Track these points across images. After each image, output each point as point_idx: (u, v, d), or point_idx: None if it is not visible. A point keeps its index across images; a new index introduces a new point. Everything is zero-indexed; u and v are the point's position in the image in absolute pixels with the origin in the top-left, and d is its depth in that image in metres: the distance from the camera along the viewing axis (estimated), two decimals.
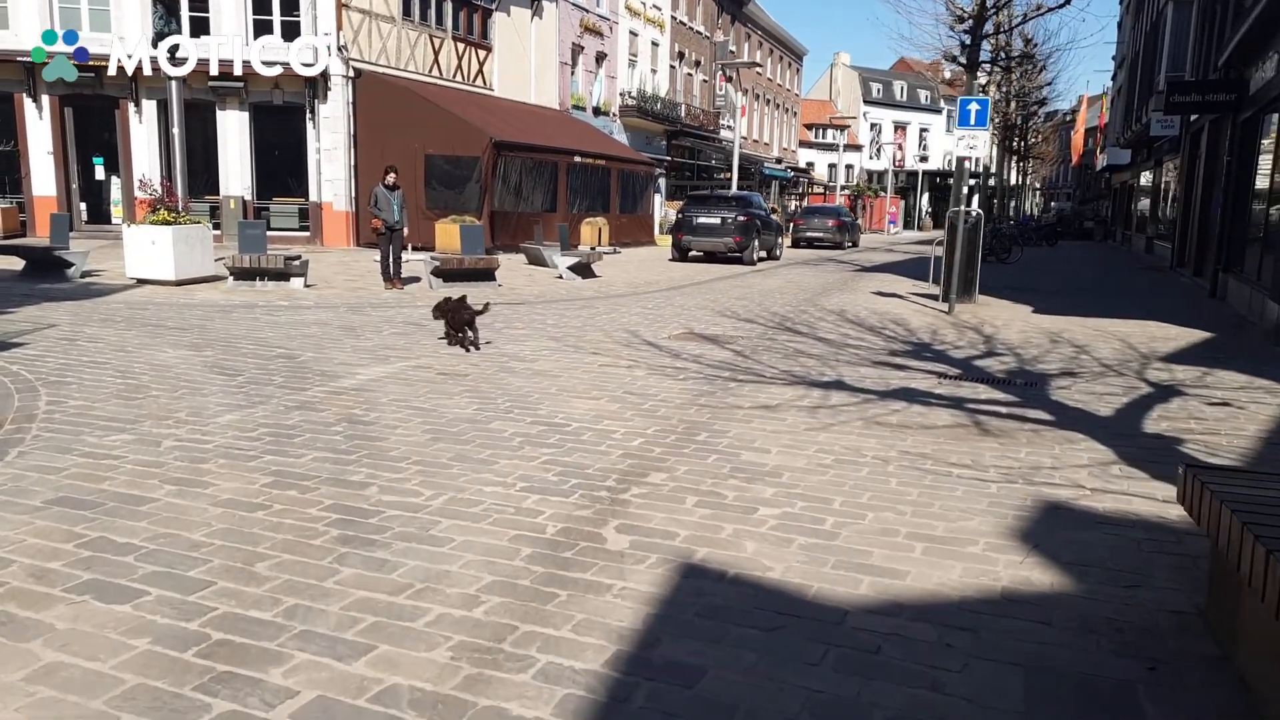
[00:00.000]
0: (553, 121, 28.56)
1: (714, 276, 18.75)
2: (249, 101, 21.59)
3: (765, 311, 12.89)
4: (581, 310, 12.53)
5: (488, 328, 10.48)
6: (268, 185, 22.32)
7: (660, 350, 9.30)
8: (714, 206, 22.31)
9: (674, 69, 41.74)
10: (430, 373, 7.86)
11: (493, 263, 14.87)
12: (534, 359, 8.63)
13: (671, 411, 6.63)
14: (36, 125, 21.00)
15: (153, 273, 13.43)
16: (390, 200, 13.66)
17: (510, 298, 13.67)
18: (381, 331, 10.03)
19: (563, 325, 10.99)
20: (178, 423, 5.98)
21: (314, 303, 12.35)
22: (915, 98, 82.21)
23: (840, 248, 32.27)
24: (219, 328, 9.91)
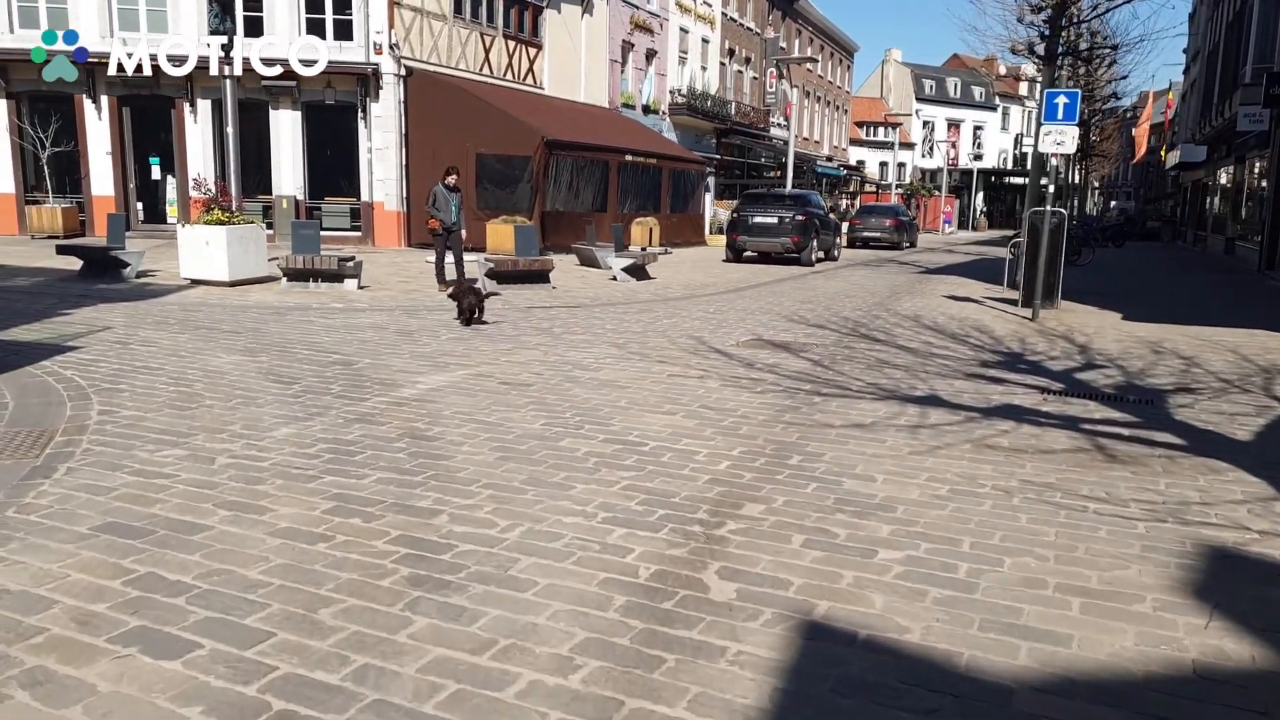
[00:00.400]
0: (603, 120, 28.15)
1: (773, 278, 18.18)
2: (301, 101, 21.45)
3: (835, 316, 12.31)
4: (640, 314, 12.06)
5: (545, 332, 10.05)
6: (320, 185, 22.17)
7: (731, 359, 8.79)
8: (771, 205, 21.72)
9: (724, 66, 41.16)
10: (492, 382, 7.44)
11: (547, 264, 14.47)
12: (598, 367, 8.17)
13: (756, 430, 6.12)
14: (95, 126, 21.06)
15: (206, 273, 13.22)
16: (449, 201, 13.31)
17: (565, 300, 13.24)
18: (439, 336, 9.65)
19: (623, 330, 10.52)
20: (232, 436, 5.61)
21: (368, 305, 12.03)
22: (970, 95, 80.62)
23: (898, 248, 31.46)
24: (273, 331, 9.60)
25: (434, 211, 13.30)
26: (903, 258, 27.49)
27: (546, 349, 9.06)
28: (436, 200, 13.30)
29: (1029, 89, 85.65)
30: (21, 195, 20.94)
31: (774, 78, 46.90)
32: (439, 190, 13.34)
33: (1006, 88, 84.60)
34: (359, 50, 21.29)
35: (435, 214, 13.29)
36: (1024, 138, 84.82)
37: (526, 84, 26.45)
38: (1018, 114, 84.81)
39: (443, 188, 13.35)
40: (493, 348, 9.05)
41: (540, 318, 11.39)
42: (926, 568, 3.84)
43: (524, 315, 11.53)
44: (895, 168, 77.24)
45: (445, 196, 13.32)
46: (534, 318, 11.37)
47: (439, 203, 13.28)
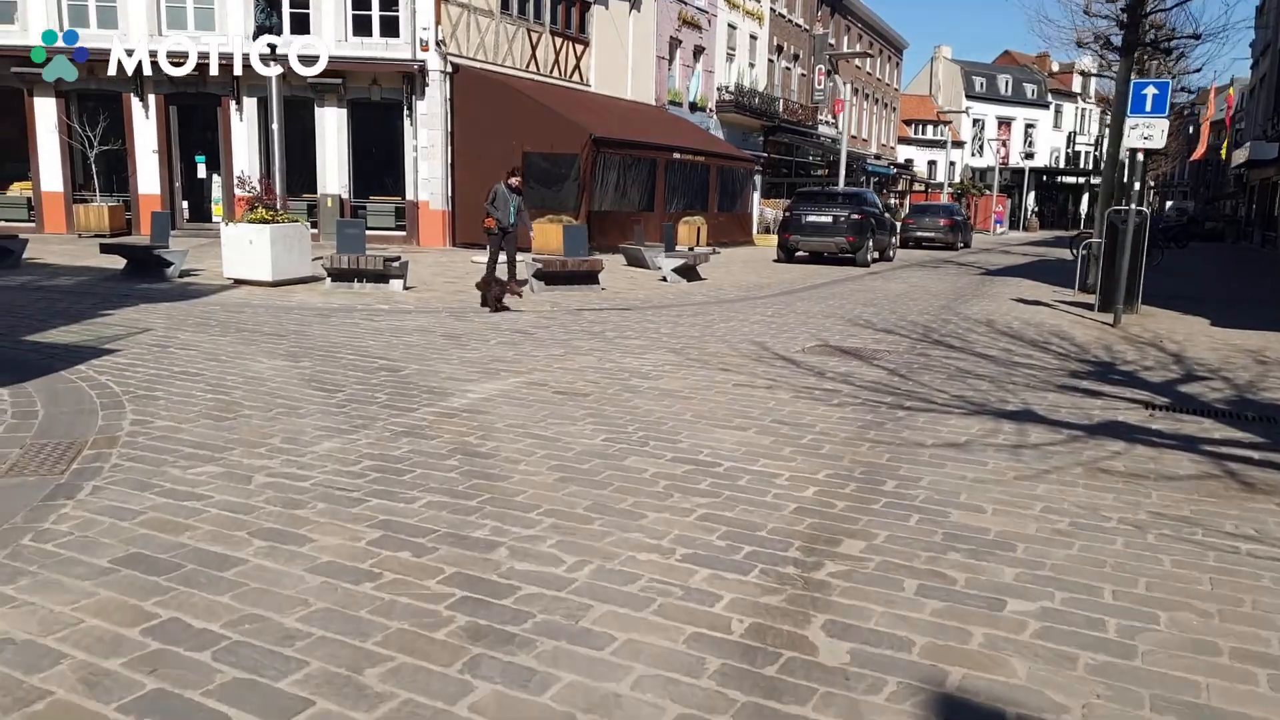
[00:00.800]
0: (650, 117, 27.65)
1: (828, 279, 17.55)
2: (347, 98, 21.22)
3: (902, 321, 11.69)
4: (695, 317, 11.53)
5: (598, 336, 9.57)
6: (365, 183, 21.93)
7: (798, 367, 8.22)
8: (825, 204, 21.07)
9: (772, 63, 40.46)
10: (546, 391, 6.96)
11: (596, 265, 13.99)
12: (657, 375, 7.66)
13: (839, 449, 5.56)
14: (143, 124, 21.01)
15: (250, 273, 12.93)
16: (509, 202, 12.90)
17: (615, 302, 12.76)
18: (488, 341, 9.20)
19: (679, 334, 10.00)
20: (271, 451, 5.18)
21: (414, 307, 11.64)
22: (1021, 92, 78.97)
23: (952, 248, 30.57)
24: (317, 334, 9.21)
25: (491, 210, 12.90)
26: (959, 258, 26.64)
27: (600, 355, 8.57)
28: (496, 198, 12.90)
29: (1083, 85, 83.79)
30: (70, 194, 20.95)
31: (822, 75, 46.08)
32: (500, 189, 12.94)
33: (1059, 84, 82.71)
34: (405, 47, 21.00)
35: (493, 212, 12.89)
36: (1077, 136, 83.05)
37: (573, 81, 26.03)
38: (1071, 111, 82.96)
39: (504, 187, 12.95)
40: (544, 353, 8.58)
41: (591, 320, 10.91)
42: (1068, 623, 3.27)
43: (574, 318, 11.06)
44: (945, 166, 75.87)
45: (506, 196, 12.91)
46: (584, 320, 10.90)
47: (498, 201, 12.88)
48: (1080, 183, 79.87)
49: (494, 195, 12.94)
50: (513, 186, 12.97)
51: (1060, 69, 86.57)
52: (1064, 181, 78.84)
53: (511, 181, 13.00)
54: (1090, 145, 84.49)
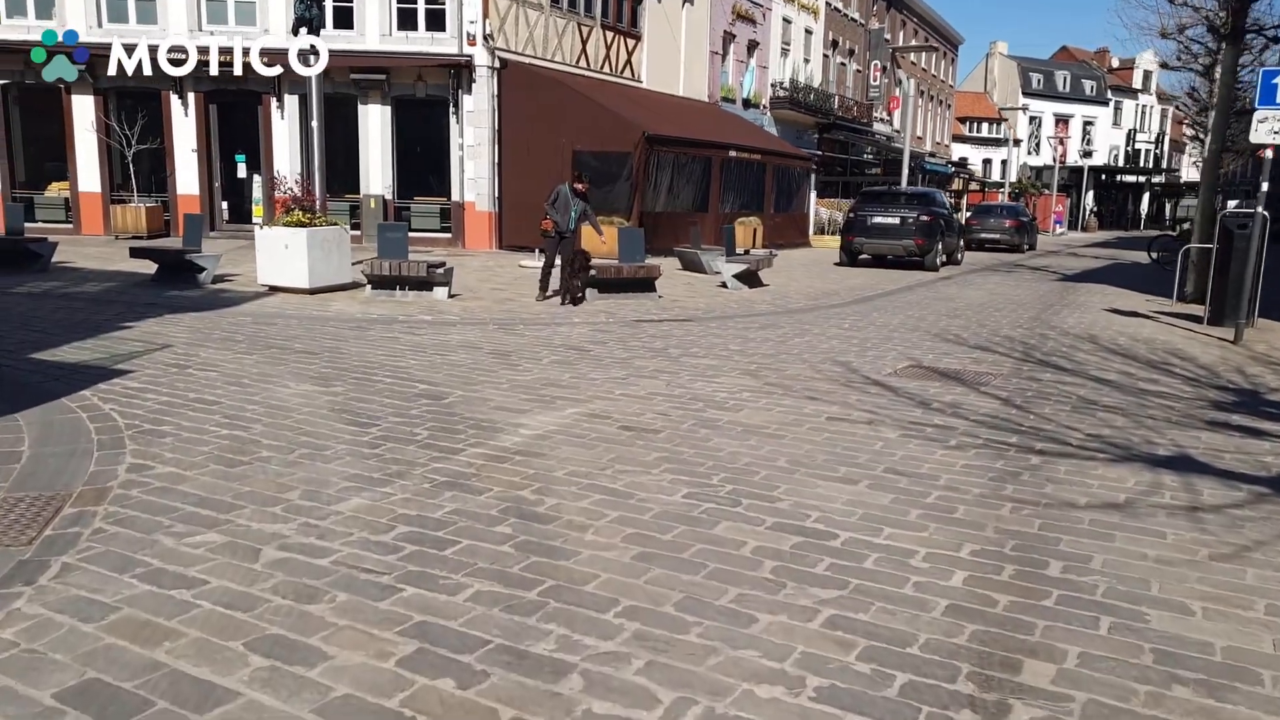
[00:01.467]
0: (703, 114, 26.62)
1: (899, 285, 16.40)
2: (391, 95, 20.47)
3: (995, 335, 10.56)
4: (765, 330, 10.51)
5: (661, 354, 8.58)
6: (409, 183, 21.18)
7: (896, 395, 7.17)
8: (892, 205, 19.89)
9: (827, 58, 39.20)
10: (611, 425, 6.00)
11: (654, 271, 13.01)
12: (735, 405, 6.66)
13: (976, 512, 4.53)
14: (182, 122, 20.45)
15: (285, 279, 12.15)
16: (570, 205, 12.01)
17: (674, 311, 11.77)
18: (540, 359, 8.26)
19: (750, 351, 8.99)
20: (287, 511, 4.28)
21: (459, 317, 10.76)
22: (1079, 88, 76.63)
23: (1018, 250, 29.13)
24: (353, 351, 8.35)
25: (551, 211, 12.01)
26: (1028, 261, 25.25)
27: (668, 377, 7.59)
28: (557, 200, 12.02)
29: (1144, 81, 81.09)
30: (108, 194, 20.45)
31: (878, 71, 44.68)
32: (563, 190, 12.08)
33: (1119, 80, 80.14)
34: (451, 42, 20.20)
35: (552, 214, 12.00)
36: (1137, 133, 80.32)
37: (624, 77, 25.09)
38: (1131, 108, 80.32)
39: (568, 189, 12.08)
40: (604, 375, 7.63)
41: (651, 334, 9.94)
42: None
43: (632, 331, 10.10)
44: (998, 164, 73.77)
45: (568, 199, 12.02)
46: (644, 334, 9.93)
47: (559, 203, 11.99)
48: (1140, 182, 77.41)
49: (555, 196, 12.07)
50: (577, 190, 12.11)
51: (1120, 64, 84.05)
52: (1123, 180, 76.38)
53: (577, 186, 12.18)
54: (1150, 143, 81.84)
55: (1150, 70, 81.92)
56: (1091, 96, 77.23)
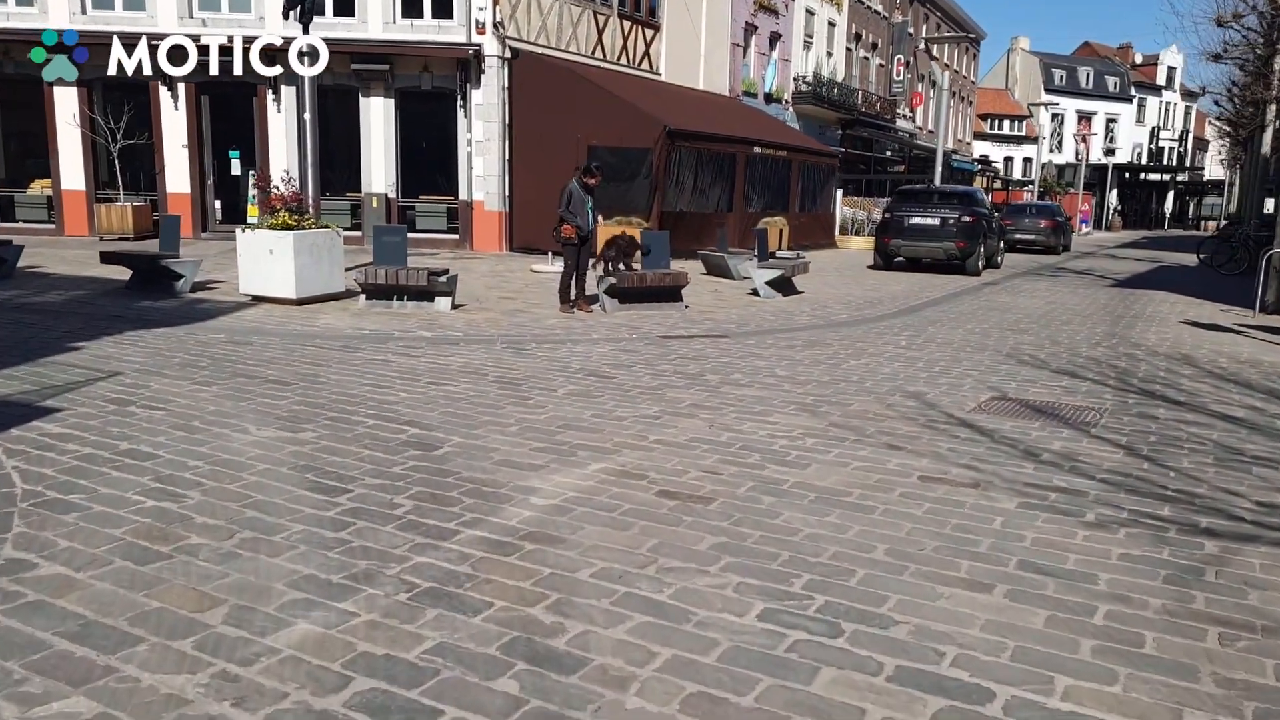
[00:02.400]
0: (725, 109, 25.28)
1: (944, 292, 15.04)
2: (394, 87, 19.18)
3: (1071, 355, 9.22)
4: (812, 350, 9.18)
5: (698, 381, 7.27)
6: (414, 181, 19.90)
7: (992, 440, 5.84)
8: (931, 204, 18.49)
9: (850, 52, 37.80)
10: (647, 489, 4.70)
11: (681, 278, 11.70)
12: (799, 458, 5.35)
13: (1172, 645, 3.21)
14: (171, 115, 19.20)
15: (270, 288, 10.89)
16: (585, 203, 10.75)
17: (705, 324, 10.47)
18: (555, 390, 6.95)
19: (802, 378, 7.67)
20: (201, 648, 2.99)
21: (463, 333, 9.47)
22: (1103, 85, 74.93)
23: (1054, 252, 27.68)
24: (334, 380, 7.06)
25: (568, 215, 10.71)
26: (1069, 264, 23.81)
27: (709, 414, 6.29)
28: (572, 200, 10.72)
29: (1167, 77, 79.23)
30: (92, 192, 19.21)
31: (901, 65, 43.23)
32: (574, 189, 10.77)
33: (1143, 76, 78.33)
34: (459, 30, 18.91)
35: (570, 219, 10.71)
36: (1160, 131, 78.46)
37: (642, 69, 23.76)
38: (1154, 105, 78.52)
39: (578, 186, 10.78)
40: (632, 411, 6.32)
41: (682, 354, 8.63)
42: None
43: (660, 351, 8.79)
44: (1021, 163, 72.09)
45: (581, 197, 10.75)
46: (674, 354, 8.62)
47: (574, 204, 10.70)
48: (1165, 180, 75.55)
49: (568, 197, 10.77)
50: (587, 185, 10.82)
51: (1144, 60, 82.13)
52: (1146, 179, 74.57)
53: (588, 180, 10.87)
54: (1174, 141, 79.99)
55: (1174, 66, 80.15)
56: (1114, 93, 75.48)
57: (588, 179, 10.86)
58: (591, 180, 10.88)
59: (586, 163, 10.96)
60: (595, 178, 10.95)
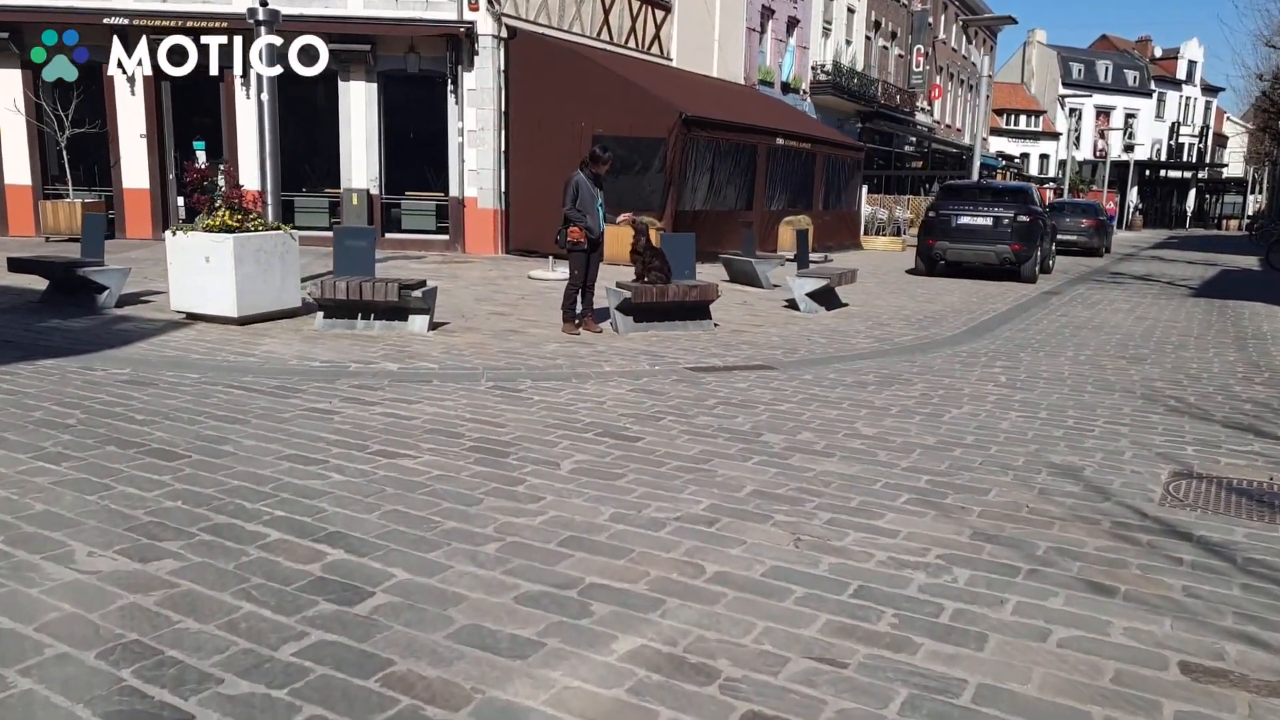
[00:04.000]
0: (742, 98, 23.17)
1: (1006, 303, 12.98)
2: (377, 70, 17.12)
3: (1224, 394, 7.16)
4: (892, 390, 7.11)
5: (754, 443, 5.18)
6: (399, 175, 17.83)
7: (1242, 570, 3.76)
8: (980, 202, 16.41)
9: (869, 41, 35.70)
10: (721, 709, 2.62)
11: (709, 292, 9.62)
12: (956, 616, 3.30)
13: None
14: (128, 102, 17.14)
15: (206, 304, 8.84)
16: (594, 198, 8.73)
17: (742, 350, 8.41)
18: (557, 463, 4.88)
19: (897, 440, 5.60)
20: None
21: (439, 364, 7.41)
22: (1121, 79, 72.70)
23: (1096, 254, 25.59)
24: (244, 450, 4.98)
25: (576, 215, 8.68)
26: (1121, 267, 21.73)
27: (789, 512, 4.22)
28: (579, 195, 8.69)
29: (1187, 71, 76.90)
30: (39, 187, 17.16)
31: (920, 56, 41.13)
32: (581, 181, 8.74)
33: (1162, 71, 76.05)
34: (449, 6, 16.84)
35: (579, 219, 8.68)
36: (1180, 127, 76.15)
37: (652, 53, 21.69)
38: (1174, 100, 76.27)
39: (586, 178, 8.74)
40: (672, 506, 4.25)
41: (724, 396, 6.56)
42: None
43: (695, 393, 6.71)
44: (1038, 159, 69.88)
45: (590, 191, 8.72)
46: (713, 396, 6.56)
47: (581, 200, 8.67)
48: (1186, 178, 73.25)
49: (575, 191, 8.74)
50: (596, 176, 8.80)
51: (1163, 54, 79.80)
52: (1167, 176, 72.31)
53: (596, 169, 8.83)
54: (1194, 136, 77.67)
55: (1195, 60, 77.86)
56: (1134, 88, 73.25)
57: (597, 167, 8.80)
58: (601, 168, 8.82)
59: (593, 147, 8.86)
60: (605, 164, 8.88)
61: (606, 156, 8.88)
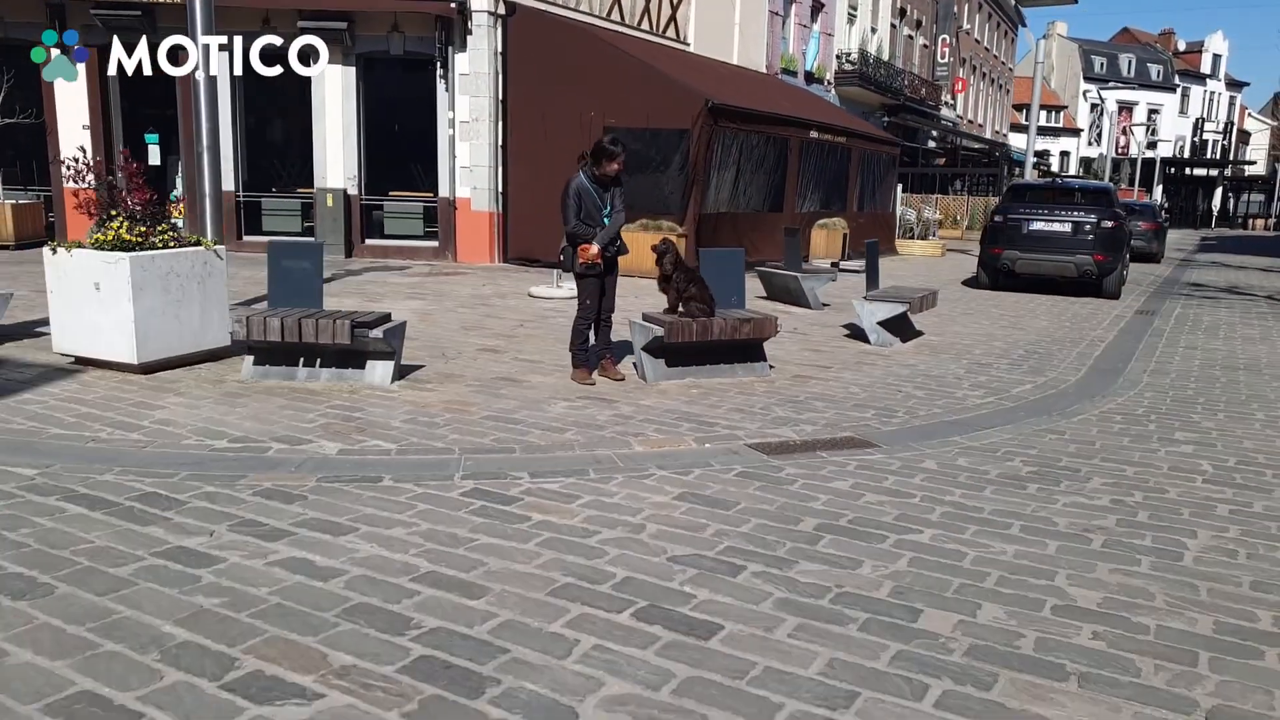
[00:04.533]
0: (766, 87, 20.89)
1: (1105, 326, 10.74)
2: (355, 52, 14.88)
3: None
4: (1057, 490, 4.87)
5: (912, 635, 2.88)
6: (381, 173, 15.61)
7: None
8: (1056, 206, 14.15)
9: (894, 29, 33.42)
10: None
11: (764, 328, 7.32)
12: None
13: None
14: (68, 89, 14.89)
15: (97, 346, 6.62)
16: (600, 205, 6.48)
17: (821, 413, 6.16)
18: (572, 705, 2.63)
19: (1132, 611, 3.36)
20: None
21: (397, 444, 5.17)
22: (1145, 73, 70.25)
23: (1154, 260, 23.28)
24: (36, 654, 2.74)
25: (583, 229, 6.45)
26: (1195, 277, 19.46)
27: None
28: (582, 203, 6.46)
29: (1212, 65, 74.39)
30: None
31: (945, 46, 38.83)
32: (583, 185, 6.52)
33: (1186, 64, 73.58)
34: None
35: (586, 234, 6.44)
36: (1205, 122, 73.65)
37: (667, 37, 19.45)
38: (1198, 95, 73.80)
39: (587, 181, 6.49)
40: None
41: (825, 513, 4.31)
42: None
43: (776, 505, 4.46)
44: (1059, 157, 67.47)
45: (595, 197, 6.47)
46: (807, 511, 4.31)
47: (585, 209, 6.45)
48: (1211, 175, 70.77)
49: (576, 201, 6.53)
50: (605, 176, 6.57)
51: (1187, 48, 77.22)
52: (1191, 174, 69.86)
53: (606, 169, 6.57)
54: (1219, 133, 75.14)
55: (1219, 54, 75.36)
56: (1157, 82, 70.81)
57: (605, 166, 6.51)
58: (611, 166, 6.53)
59: (598, 141, 6.56)
60: (616, 160, 6.54)
61: (617, 150, 6.51)
